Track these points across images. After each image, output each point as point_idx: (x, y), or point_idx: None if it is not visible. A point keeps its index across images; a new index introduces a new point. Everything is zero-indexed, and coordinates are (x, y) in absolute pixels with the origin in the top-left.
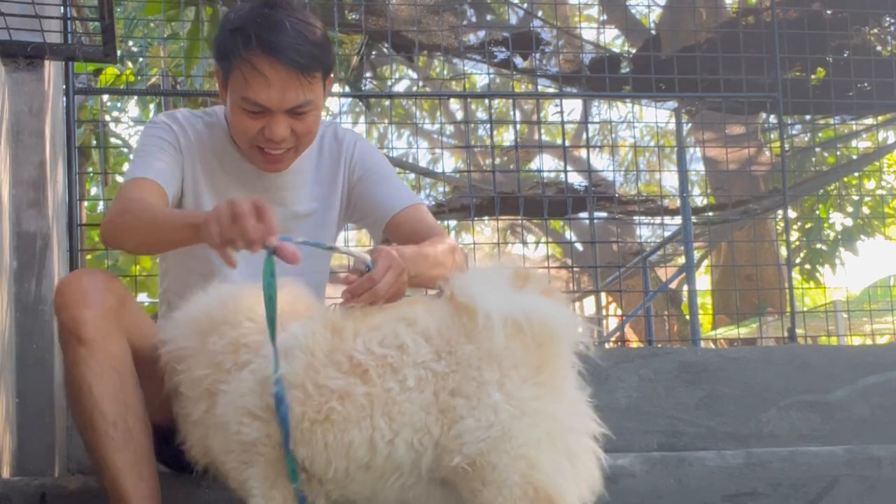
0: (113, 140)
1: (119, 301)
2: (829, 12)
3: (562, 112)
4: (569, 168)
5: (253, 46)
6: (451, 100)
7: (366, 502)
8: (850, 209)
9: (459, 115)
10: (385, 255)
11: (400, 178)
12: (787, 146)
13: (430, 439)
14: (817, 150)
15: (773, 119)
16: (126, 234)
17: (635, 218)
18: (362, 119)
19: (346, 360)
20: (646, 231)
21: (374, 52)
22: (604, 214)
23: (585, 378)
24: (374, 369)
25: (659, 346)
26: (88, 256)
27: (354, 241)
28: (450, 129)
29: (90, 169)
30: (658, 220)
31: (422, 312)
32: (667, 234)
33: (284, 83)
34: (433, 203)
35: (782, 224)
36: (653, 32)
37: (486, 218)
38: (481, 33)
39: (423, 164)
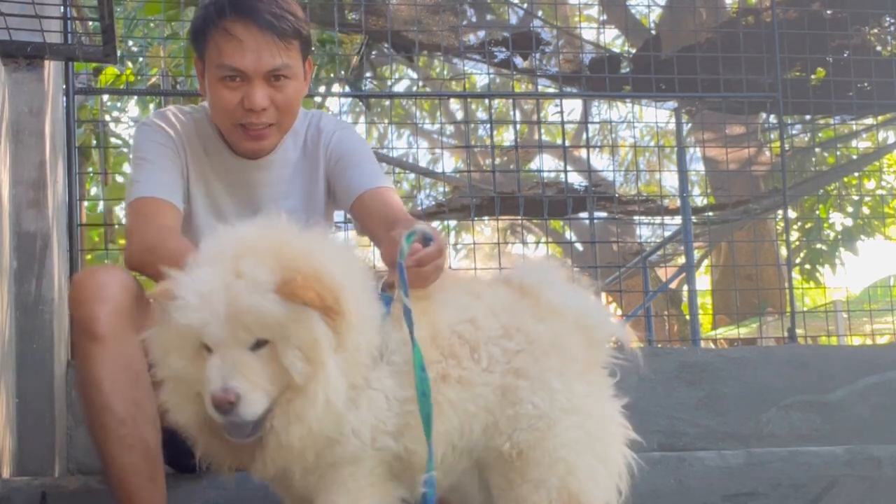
0: (113, 140)
1: (134, 299)
2: (829, 12)
3: (562, 112)
4: (569, 168)
5: (226, 13)
6: (451, 100)
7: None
8: (850, 209)
9: (459, 115)
10: (438, 233)
11: (375, 163)
12: (787, 146)
13: (492, 420)
14: (817, 150)
15: (773, 119)
16: (154, 272)
17: (635, 218)
18: (362, 119)
19: (440, 341)
20: (646, 231)
21: (374, 52)
22: (604, 214)
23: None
24: (458, 347)
25: (659, 346)
26: (88, 256)
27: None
28: (450, 129)
29: (90, 169)
30: (658, 220)
31: (484, 287)
32: (667, 234)
33: (259, 45)
34: (433, 203)
35: (782, 224)
36: (653, 32)
37: (486, 218)
38: (481, 33)
39: (423, 164)
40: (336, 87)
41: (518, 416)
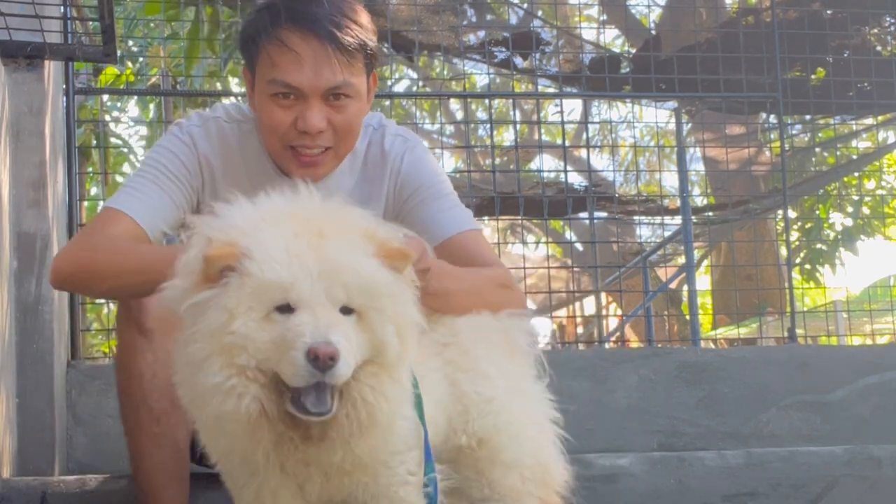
0: (113, 140)
1: None
2: (829, 12)
3: (562, 112)
4: (569, 168)
5: (282, 20)
6: (451, 100)
7: None
8: (850, 209)
9: (459, 115)
10: (417, 242)
11: (454, 194)
12: (787, 146)
13: (445, 417)
14: (817, 150)
15: (773, 119)
16: (97, 274)
17: (635, 218)
18: None
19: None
20: (646, 231)
21: None
22: (604, 214)
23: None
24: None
25: (659, 346)
26: None
27: None
28: (450, 129)
29: (90, 169)
30: (658, 220)
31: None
32: (667, 234)
33: (318, 59)
34: None
35: (782, 224)
36: (653, 32)
37: (486, 218)
38: (481, 33)
39: None
40: None
41: (467, 408)
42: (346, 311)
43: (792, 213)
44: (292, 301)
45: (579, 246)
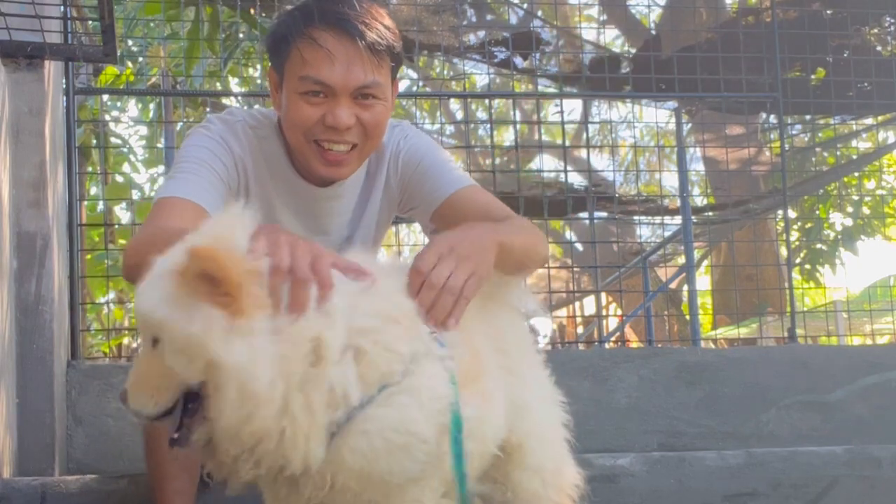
0: (113, 140)
1: None
2: (829, 12)
3: (562, 112)
4: (569, 168)
5: (315, 20)
6: (451, 100)
7: None
8: (850, 209)
9: (459, 115)
10: (431, 242)
11: (453, 162)
12: (787, 146)
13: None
14: (817, 150)
15: (773, 119)
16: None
17: (635, 218)
18: None
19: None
20: (646, 231)
21: None
22: (604, 214)
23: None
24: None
25: (659, 346)
26: (88, 256)
27: None
28: (450, 129)
29: (90, 169)
30: (658, 220)
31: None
32: (667, 234)
33: (350, 58)
34: None
35: (782, 224)
36: (653, 32)
37: None
38: (481, 33)
39: None
40: None
41: (508, 414)
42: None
43: (792, 213)
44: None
45: (579, 246)
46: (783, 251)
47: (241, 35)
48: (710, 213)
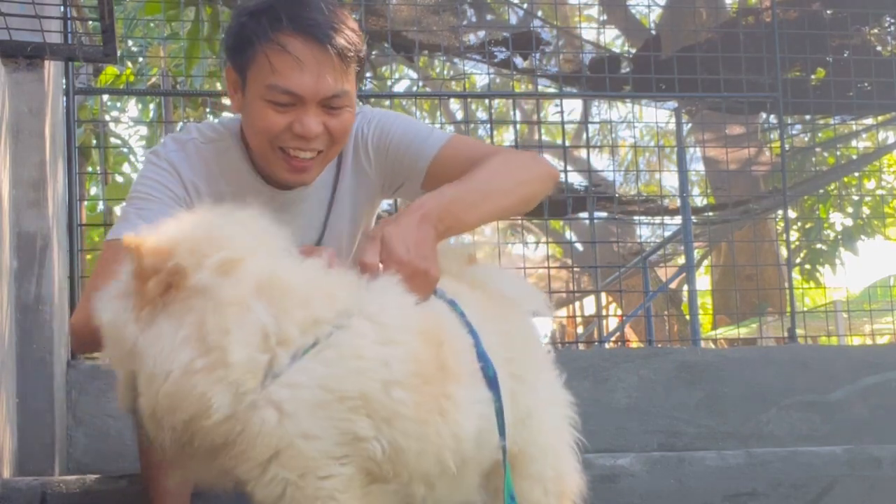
0: (113, 140)
1: None
2: (829, 12)
3: (562, 112)
4: (569, 168)
5: (283, 25)
6: (451, 100)
7: None
8: (850, 209)
9: (459, 115)
10: (368, 237)
11: (419, 124)
12: (787, 146)
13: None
14: (817, 150)
15: (773, 119)
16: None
17: (635, 218)
18: None
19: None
20: (646, 231)
21: (374, 52)
22: (604, 214)
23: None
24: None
25: (659, 346)
26: (88, 256)
27: None
28: (450, 129)
29: (90, 169)
30: (658, 220)
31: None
32: (667, 234)
33: (320, 66)
34: None
35: (782, 224)
36: (653, 32)
37: None
38: (481, 33)
39: None
40: None
41: (513, 421)
42: None
43: (792, 213)
44: None
45: (579, 246)
46: (783, 251)
47: None
48: (710, 213)
